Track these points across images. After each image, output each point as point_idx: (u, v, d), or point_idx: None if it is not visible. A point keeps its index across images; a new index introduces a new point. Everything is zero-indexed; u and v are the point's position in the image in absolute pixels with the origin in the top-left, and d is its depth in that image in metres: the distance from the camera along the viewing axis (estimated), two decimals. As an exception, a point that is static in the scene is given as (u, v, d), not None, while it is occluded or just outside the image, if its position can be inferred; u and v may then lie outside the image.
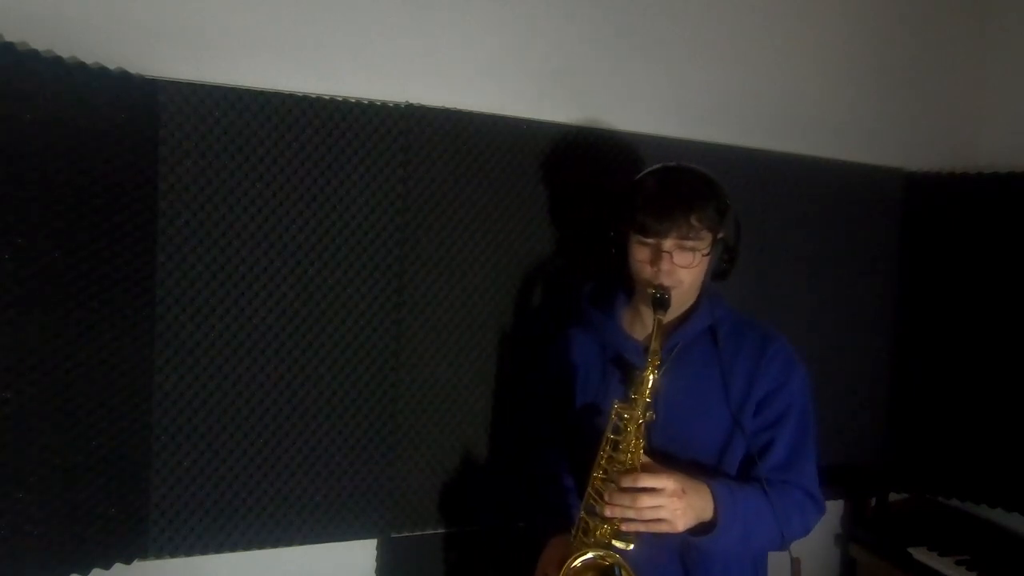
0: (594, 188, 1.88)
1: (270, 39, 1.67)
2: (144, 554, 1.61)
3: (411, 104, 1.75)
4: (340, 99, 1.69)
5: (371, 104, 1.72)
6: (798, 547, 2.27)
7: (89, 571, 1.49)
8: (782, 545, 1.30)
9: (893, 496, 2.33)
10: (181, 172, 1.57)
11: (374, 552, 1.84)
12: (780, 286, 2.15)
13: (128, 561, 1.58)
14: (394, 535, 1.81)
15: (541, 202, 1.86)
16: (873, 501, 2.31)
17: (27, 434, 1.37)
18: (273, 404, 1.68)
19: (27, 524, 1.37)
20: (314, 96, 1.67)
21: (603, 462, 1.24)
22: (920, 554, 2.11)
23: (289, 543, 1.72)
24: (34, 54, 1.35)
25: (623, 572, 1.19)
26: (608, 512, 1.17)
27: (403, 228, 1.75)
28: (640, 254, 1.29)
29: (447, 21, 1.81)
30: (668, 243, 1.26)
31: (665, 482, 1.15)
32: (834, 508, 2.38)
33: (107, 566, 1.54)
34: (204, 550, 1.65)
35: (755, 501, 1.25)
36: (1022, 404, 2.10)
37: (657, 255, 1.26)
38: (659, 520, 1.15)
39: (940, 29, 2.37)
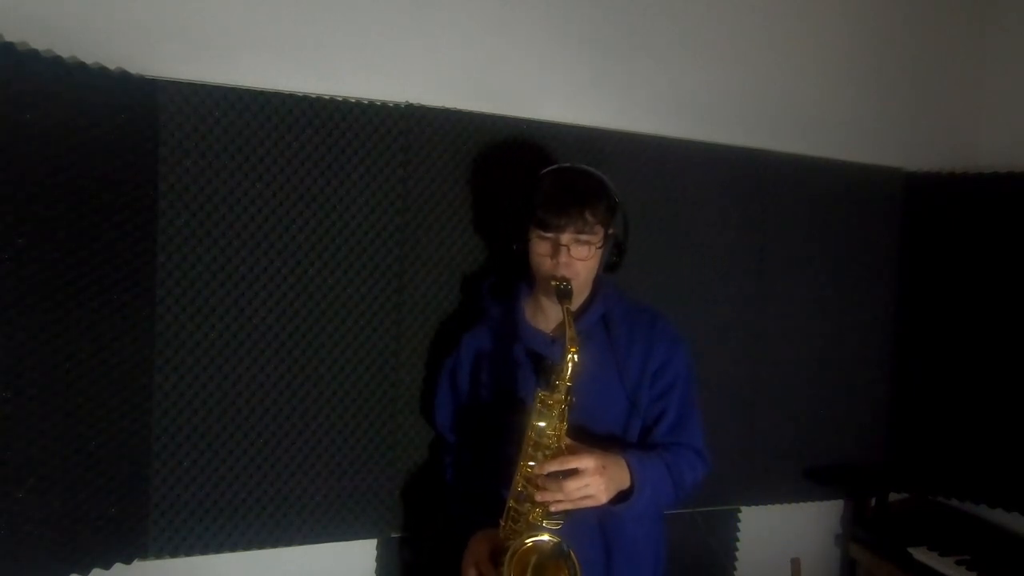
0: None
1: (270, 39, 1.67)
2: (144, 554, 1.61)
3: (411, 104, 1.75)
4: (340, 99, 1.69)
5: (371, 104, 1.72)
6: (798, 547, 2.30)
7: (89, 571, 1.50)
8: (680, 501, 1.44)
9: (893, 496, 2.33)
10: (181, 172, 1.58)
11: (374, 552, 1.84)
12: (780, 286, 2.15)
13: (128, 561, 1.58)
14: (394, 535, 1.81)
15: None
16: (873, 501, 2.30)
17: (27, 434, 1.37)
18: (273, 404, 1.68)
19: (27, 524, 1.37)
20: (314, 96, 1.67)
21: (529, 448, 1.30)
22: (920, 554, 2.11)
23: (289, 543, 1.72)
24: (34, 54, 1.35)
25: (569, 550, 1.26)
26: (539, 497, 1.25)
27: (403, 228, 1.75)
28: (540, 248, 1.39)
29: (447, 21, 1.81)
30: (566, 237, 1.36)
31: (587, 462, 1.24)
32: (834, 508, 2.38)
33: (107, 566, 1.54)
34: (204, 550, 1.65)
35: (659, 466, 1.38)
36: (1022, 404, 2.10)
37: (556, 249, 1.36)
38: (585, 497, 1.24)
39: (940, 29, 2.37)
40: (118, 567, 1.57)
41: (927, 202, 2.27)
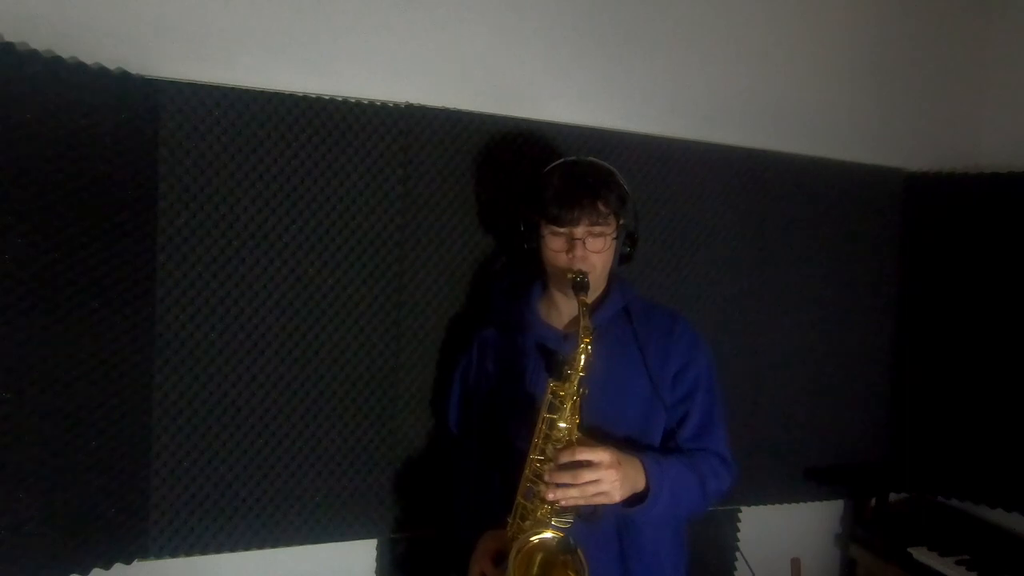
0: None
1: (270, 39, 1.67)
2: (144, 554, 1.61)
3: (411, 104, 1.75)
4: (340, 99, 1.69)
5: (371, 104, 1.72)
6: (798, 547, 2.30)
7: (89, 571, 1.50)
8: (704, 508, 1.39)
9: (893, 496, 2.33)
10: (181, 172, 1.58)
11: (374, 552, 1.84)
12: (780, 286, 2.15)
13: (128, 561, 1.58)
14: (394, 535, 1.81)
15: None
16: (873, 501, 2.30)
17: (27, 434, 1.37)
18: (273, 404, 1.68)
19: (27, 524, 1.38)
20: (314, 96, 1.67)
21: (539, 441, 1.26)
22: (920, 554, 2.11)
23: (289, 543, 1.72)
24: (34, 54, 1.35)
25: (575, 545, 1.21)
26: (551, 495, 1.19)
27: (403, 228, 1.75)
28: (554, 244, 1.37)
29: (446, 21, 1.81)
30: (580, 230, 1.34)
31: (601, 455, 1.19)
32: (834, 508, 2.38)
33: (107, 566, 1.54)
34: (204, 550, 1.65)
35: (679, 469, 1.32)
36: (1022, 404, 2.10)
37: (571, 243, 1.34)
38: (599, 493, 1.18)
39: (940, 29, 2.37)
40: (118, 567, 1.57)
41: (927, 202, 2.27)
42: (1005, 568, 2.06)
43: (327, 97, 1.68)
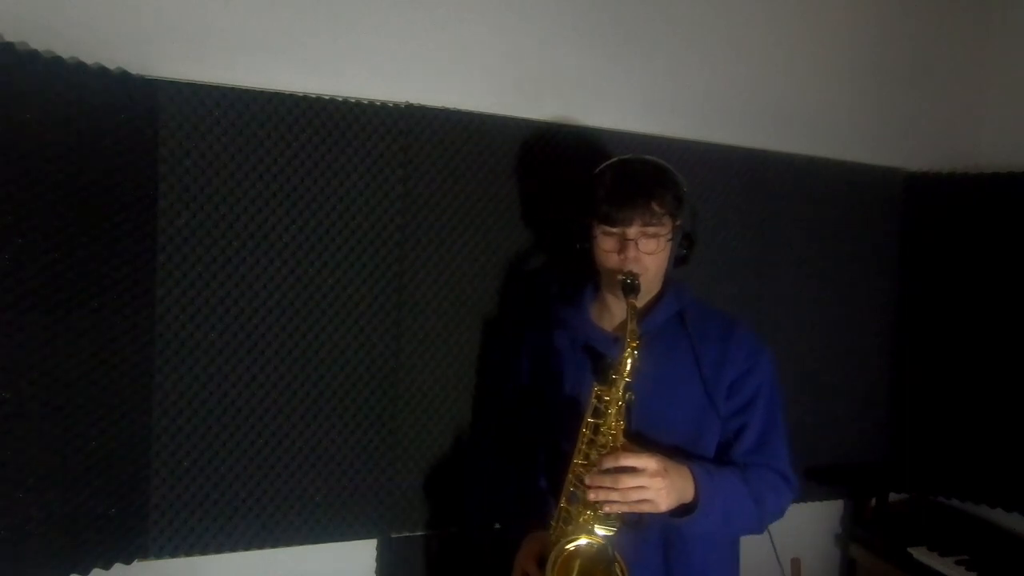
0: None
1: (270, 39, 1.67)
2: (144, 554, 1.61)
3: (411, 104, 1.75)
4: (340, 99, 1.69)
5: (371, 104, 1.72)
6: (798, 547, 2.30)
7: (89, 571, 1.50)
8: (760, 527, 1.32)
9: (893, 496, 2.33)
10: (181, 172, 1.57)
11: (374, 552, 1.84)
12: (780, 286, 2.15)
13: (128, 561, 1.58)
14: (394, 535, 1.81)
15: (540, 202, 1.86)
16: (873, 501, 2.30)
17: (27, 434, 1.37)
18: (273, 404, 1.68)
19: (27, 524, 1.38)
20: (314, 96, 1.67)
21: (583, 446, 1.23)
22: (920, 554, 2.11)
23: (289, 543, 1.72)
24: (34, 54, 1.35)
25: (614, 554, 1.18)
26: (592, 496, 1.16)
27: (403, 228, 1.75)
28: (606, 244, 1.32)
29: (446, 21, 1.81)
30: (633, 231, 1.29)
31: (647, 462, 1.15)
32: (834, 508, 2.38)
33: (107, 566, 1.54)
34: (204, 550, 1.65)
35: (733, 483, 1.26)
36: (1021, 404, 2.10)
37: (623, 243, 1.30)
38: (643, 500, 1.14)
39: (940, 29, 2.37)
40: (118, 567, 1.56)
41: (927, 202, 2.27)
42: (1005, 568, 2.06)
43: (327, 97, 1.68)
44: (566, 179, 1.87)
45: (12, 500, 1.35)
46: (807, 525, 2.32)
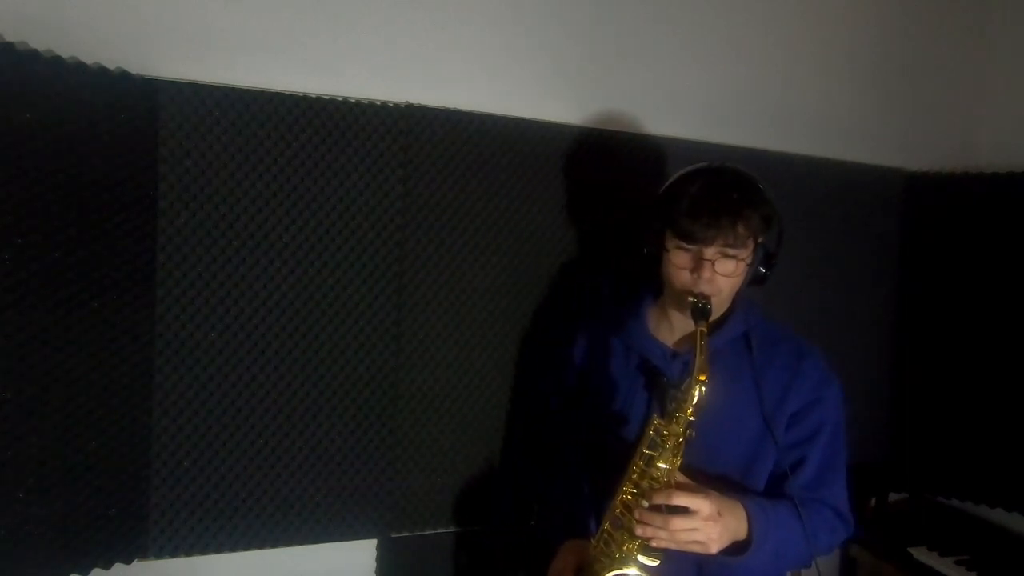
0: (594, 188, 1.89)
1: (270, 39, 1.67)
2: (144, 554, 1.61)
3: (411, 104, 1.75)
4: (340, 99, 1.69)
5: (371, 104, 1.72)
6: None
7: (89, 571, 1.50)
8: (809, 563, 1.27)
9: (893, 496, 2.33)
10: (181, 172, 1.57)
11: (374, 552, 1.84)
12: (780, 286, 2.14)
13: (128, 561, 1.58)
14: (394, 535, 1.81)
15: (541, 202, 1.86)
16: (873, 501, 2.30)
17: (27, 434, 1.37)
18: (273, 404, 1.68)
19: (27, 524, 1.37)
20: (314, 96, 1.67)
21: (635, 476, 1.17)
22: (920, 554, 2.11)
23: (289, 543, 1.72)
24: (34, 54, 1.35)
25: None
26: (639, 532, 1.12)
27: (403, 228, 1.75)
28: (680, 260, 1.23)
29: (447, 21, 1.81)
30: (711, 251, 1.20)
31: (701, 504, 1.10)
32: (834, 508, 2.38)
33: (107, 566, 1.54)
34: (204, 550, 1.65)
35: (787, 519, 1.21)
36: (1022, 404, 2.10)
37: (698, 263, 1.20)
38: (693, 542, 1.11)
39: (940, 29, 2.37)
40: (118, 567, 1.56)
41: (927, 202, 2.27)
42: (1005, 568, 2.06)
43: (327, 97, 1.68)
44: (566, 179, 1.88)
45: (12, 500, 1.35)
46: (807, 525, 2.32)
